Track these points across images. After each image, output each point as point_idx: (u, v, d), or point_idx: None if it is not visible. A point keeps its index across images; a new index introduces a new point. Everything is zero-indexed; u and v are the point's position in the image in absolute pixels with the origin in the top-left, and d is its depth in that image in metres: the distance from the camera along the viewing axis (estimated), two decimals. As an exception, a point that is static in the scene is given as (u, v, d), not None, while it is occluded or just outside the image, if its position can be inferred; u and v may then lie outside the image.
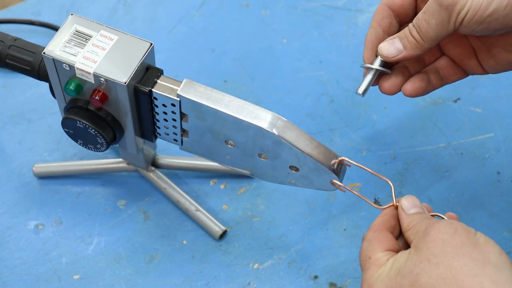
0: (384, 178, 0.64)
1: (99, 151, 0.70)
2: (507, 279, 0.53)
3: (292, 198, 0.79)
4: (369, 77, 0.67)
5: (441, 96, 0.87)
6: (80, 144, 0.70)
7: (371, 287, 0.58)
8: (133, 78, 0.64)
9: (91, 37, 0.65)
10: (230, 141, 0.66)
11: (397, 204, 0.62)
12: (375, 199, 0.79)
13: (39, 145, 0.82)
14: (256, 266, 0.75)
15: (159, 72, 0.66)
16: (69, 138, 0.81)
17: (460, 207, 0.78)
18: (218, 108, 0.63)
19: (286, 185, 0.69)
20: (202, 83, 0.65)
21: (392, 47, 0.64)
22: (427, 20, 0.62)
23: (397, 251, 0.59)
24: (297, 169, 0.66)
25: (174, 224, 0.77)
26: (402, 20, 0.69)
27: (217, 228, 0.76)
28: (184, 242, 0.76)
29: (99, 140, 0.68)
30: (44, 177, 0.80)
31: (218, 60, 0.90)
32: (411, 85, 0.67)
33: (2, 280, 0.73)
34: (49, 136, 0.83)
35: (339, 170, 0.65)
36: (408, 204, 0.61)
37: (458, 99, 0.87)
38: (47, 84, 0.69)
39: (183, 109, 0.65)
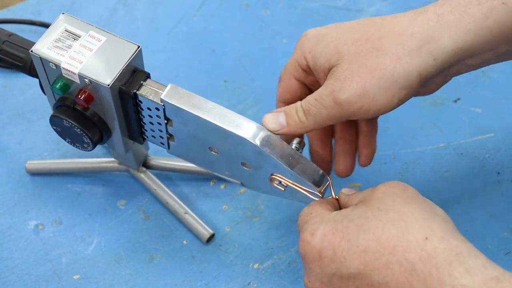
0: (321, 172, 0.64)
1: (86, 150, 0.70)
2: (452, 229, 0.54)
3: (292, 198, 0.79)
4: None
5: (441, 96, 0.87)
6: (68, 142, 0.70)
7: (314, 231, 0.56)
8: (117, 80, 0.63)
9: (79, 37, 0.65)
10: (214, 148, 0.66)
11: (336, 197, 0.63)
12: None
13: (39, 145, 0.82)
14: (256, 266, 0.75)
15: (145, 75, 0.65)
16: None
17: (460, 207, 0.78)
18: (200, 115, 0.63)
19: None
20: (202, 83, 0.65)
21: (276, 121, 0.63)
22: (318, 108, 0.61)
23: None
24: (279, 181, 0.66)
25: (174, 224, 0.77)
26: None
27: (205, 231, 0.76)
28: (184, 242, 0.76)
29: (85, 140, 0.68)
30: (37, 173, 0.80)
31: (218, 60, 0.90)
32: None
33: (2, 280, 0.73)
34: (49, 136, 0.83)
35: (320, 183, 0.64)
36: (348, 190, 0.63)
37: (458, 99, 0.87)
38: (47, 84, 0.69)
39: (168, 114, 0.65)
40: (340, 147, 0.69)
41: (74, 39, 0.64)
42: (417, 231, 0.52)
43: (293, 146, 0.65)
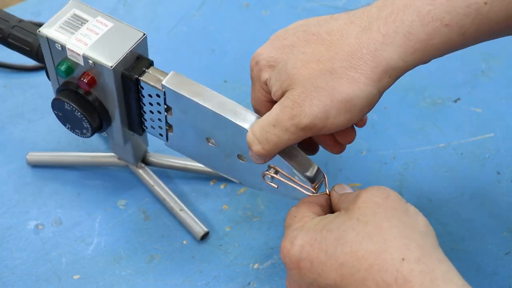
0: (317, 168, 0.63)
1: (85, 137, 0.70)
2: (432, 245, 0.54)
3: (292, 198, 0.79)
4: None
5: (441, 96, 0.87)
6: (68, 128, 0.71)
7: (293, 239, 0.57)
8: (120, 63, 0.64)
9: (87, 21, 0.66)
10: (211, 139, 0.66)
11: (328, 193, 0.63)
12: None
13: (39, 145, 0.82)
14: (256, 266, 0.75)
15: (149, 63, 0.67)
16: (69, 138, 0.81)
17: (460, 207, 0.78)
18: (199, 102, 0.63)
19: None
20: (202, 83, 0.65)
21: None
22: (278, 135, 0.59)
23: None
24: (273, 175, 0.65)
25: (174, 224, 0.77)
26: None
27: (199, 229, 0.76)
28: (184, 242, 0.76)
29: (85, 125, 0.69)
30: (37, 165, 0.80)
31: (218, 60, 0.90)
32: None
33: (2, 280, 0.73)
34: (49, 136, 0.83)
35: (315, 179, 0.63)
36: (340, 188, 0.62)
37: (458, 99, 0.87)
38: (47, 84, 0.69)
39: (168, 101, 0.66)
40: None
41: (82, 23, 0.66)
42: (395, 250, 0.53)
43: None
